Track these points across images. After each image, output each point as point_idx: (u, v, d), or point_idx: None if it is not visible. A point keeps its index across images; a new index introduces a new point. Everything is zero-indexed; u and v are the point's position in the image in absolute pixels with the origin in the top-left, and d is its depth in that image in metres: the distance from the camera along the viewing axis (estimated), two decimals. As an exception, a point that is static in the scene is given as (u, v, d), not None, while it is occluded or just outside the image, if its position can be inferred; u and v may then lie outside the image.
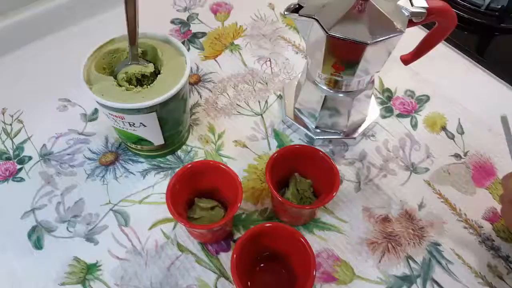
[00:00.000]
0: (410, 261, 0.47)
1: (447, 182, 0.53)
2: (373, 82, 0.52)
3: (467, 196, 0.52)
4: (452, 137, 0.57)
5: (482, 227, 0.50)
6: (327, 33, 0.42)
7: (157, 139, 0.50)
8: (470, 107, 0.60)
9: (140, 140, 0.49)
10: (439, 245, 0.48)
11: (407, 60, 0.51)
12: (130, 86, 0.46)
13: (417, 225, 0.49)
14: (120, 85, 0.45)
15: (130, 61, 0.47)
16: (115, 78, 0.46)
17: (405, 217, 0.50)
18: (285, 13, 0.45)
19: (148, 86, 0.45)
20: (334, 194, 0.43)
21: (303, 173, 0.50)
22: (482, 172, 0.54)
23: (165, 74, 0.46)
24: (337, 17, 0.43)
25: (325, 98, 0.51)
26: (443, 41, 0.48)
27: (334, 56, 0.45)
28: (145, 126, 0.46)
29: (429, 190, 0.53)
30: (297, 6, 0.45)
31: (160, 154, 0.54)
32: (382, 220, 0.50)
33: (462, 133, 0.58)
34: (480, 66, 0.65)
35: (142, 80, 0.48)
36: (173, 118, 0.48)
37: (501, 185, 0.49)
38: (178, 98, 0.46)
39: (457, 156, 0.56)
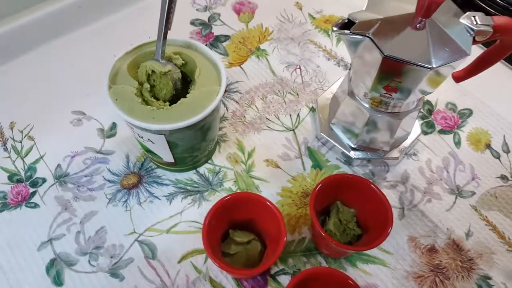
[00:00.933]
0: (460, 297, 0.44)
1: (494, 207, 0.50)
2: (421, 101, 0.48)
3: (516, 223, 0.49)
4: (497, 156, 0.54)
5: (534, 258, 0.47)
6: (383, 54, 0.38)
7: (167, 157, 0.46)
8: (515, 123, 0.56)
9: (149, 151, 0.45)
10: (489, 278, 0.45)
11: (459, 77, 0.47)
12: (151, 99, 0.41)
13: (465, 256, 0.46)
14: (140, 96, 0.41)
15: (154, 56, 0.42)
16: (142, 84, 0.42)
17: (452, 248, 0.47)
18: (334, 29, 0.40)
19: (166, 107, 0.40)
20: (389, 231, 0.39)
21: (345, 201, 0.46)
22: (530, 195, 0.51)
23: (190, 99, 0.41)
24: (394, 35, 0.38)
25: (369, 118, 0.47)
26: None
27: (388, 78, 0.40)
28: (153, 143, 0.42)
29: (476, 216, 0.49)
30: (346, 21, 0.40)
31: (173, 170, 0.50)
32: (428, 251, 0.46)
33: (508, 151, 0.54)
34: (525, 77, 0.61)
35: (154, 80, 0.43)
36: (185, 145, 0.44)
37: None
38: (195, 129, 0.41)
39: (503, 177, 0.52)
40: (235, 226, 0.44)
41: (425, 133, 0.55)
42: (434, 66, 0.37)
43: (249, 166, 0.51)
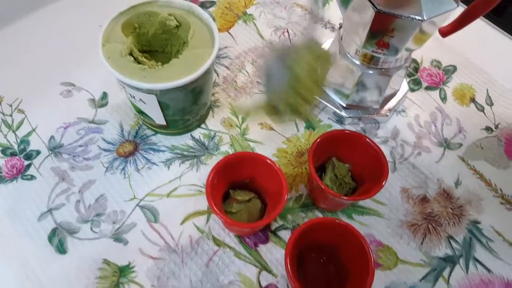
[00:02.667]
0: (452, 241, 0.46)
1: (481, 157, 0.52)
2: (410, 58, 0.49)
3: (501, 171, 0.51)
4: (482, 109, 0.56)
5: (519, 202, 0.49)
6: (375, 8, 0.38)
7: (158, 119, 0.46)
8: (497, 77, 0.58)
9: (141, 112, 0.46)
10: (478, 223, 0.47)
11: (446, 32, 0.48)
12: (143, 59, 0.41)
13: (456, 204, 0.48)
14: (132, 55, 0.41)
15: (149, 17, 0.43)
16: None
17: (443, 196, 0.49)
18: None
19: (158, 66, 0.40)
20: (383, 184, 0.41)
21: (340, 157, 0.47)
22: (514, 144, 0.53)
23: (182, 60, 0.41)
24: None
25: (360, 76, 0.48)
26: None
27: (380, 33, 0.41)
28: (144, 103, 0.43)
29: (464, 166, 0.51)
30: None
31: (165, 133, 0.50)
32: (420, 201, 0.48)
33: (491, 104, 0.56)
34: (507, 34, 0.63)
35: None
36: (176, 107, 0.44)
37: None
38: (186, 90, 0.41)
39: (488, 129, 0.54)
40: (235, 187, 0.45)
41: (412, 90, 0.57)
42: (425, 18, 0.38)
43: (244, 130, 0.52)
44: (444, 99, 0.56)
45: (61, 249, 0.43)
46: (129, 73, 0.39)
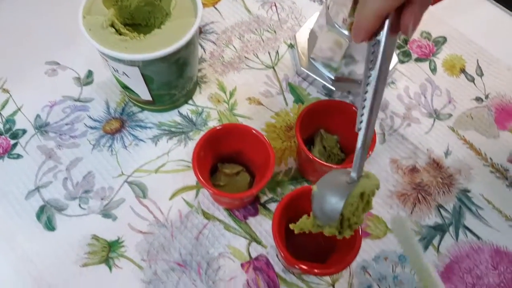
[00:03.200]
0: (441, 210, 0.46)
1: (471, 127, 0.52)
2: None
3: (491, 140, 0.51)
4: (472, 79, 0.55)
5: (508, 170, 0.49)
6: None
7: (144, 95, 0.45)
8: (487, 47, 0.58)
9: (126, 88, 0.45)
10: (468, 191, 0.47)
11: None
12: (125, 31, 0.40)
13: (445, 173, 0.48)
14: (114, 27, 0.40)
15: None
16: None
17: (432, 166, 0.49)
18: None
19: (140, 37, 0.40)
20: (370, 154, 0.41)
21: (328, 129, 0.47)
22: (504, 114, 0.53)
23: (165, 30, 0.40)
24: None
25: (348, 47, 0.47)
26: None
27: None
28: (128, 77, 0.42)
29: (454, 136, 0.51)
30: None
31: (152, 109, 0.49)
32: (410, 171, 0.48)
33: (481, 74, 0.56)
34: (497, 4, 0.62)
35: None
36: (161, 80, 0.43)
37: None
38: (170, 62, 0.41)
39: (478, 99, 0.54)
40: (223, 160, 0.45)
41: (401, 62, 0.56)
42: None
43: (232, 105, 0.51)
44: (434, 70, 0.56)
45: (50, 226, 0.43)
46: (110, 44, 0.38)
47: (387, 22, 0.26)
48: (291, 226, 0.34)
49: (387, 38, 0.26)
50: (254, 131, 0.40)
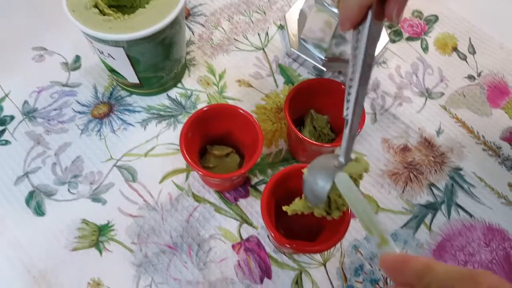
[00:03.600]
0: (433, 188, 0.46)
1: (463, 105, 0.51)
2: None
3: (483, 118, 0.50)
4: (464, 58, 0.55)
5: (501, 147, 0.49)
6: None
7: (131, 77, 0.45)
8: (480, 25, 0.57)
9: (113, 71, 0.45)
10: (460, 169, 0.47)
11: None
12: (109, 11, 0.40)
13: (437, 152, 0.48)
14: (98, 8, 0.40)
15: None
16: None
17: (424, 145, 0.48)
18: None
19: (124, 17, 0.39)
20: (359, 131, 0.40)
21: (318, 109, 0.46)
22: (496, 92, 0.52)
23: (149, 10, 0.39)
24: None
25: (337, 26, 0.46)
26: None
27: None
28: (114, 59, 0.42)
29: (446, 115, 0.50)
30: None
31: (141, 93, 0.49)
32: (401, 150, 0.48)
33: (473, 53, 0.55)
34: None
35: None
36: (147, 62, 0.43)
37: None
38: (155, 42, 0.40)
39: (470, 77, 0.53)
40: (212, 143, 0.44)
41: (393, 41, 0.55)
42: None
43: (222, 88, 0.51)
44: (425, 49, 0.55)
45: (39, 211, 0.43)
46: (93, 25, 0.38)
47: (370, 13, 0.26)
48: (284, 208, 0.34)
49: (370, 27, 0.26)
50: (241, 111, 0.40)
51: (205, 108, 0.40)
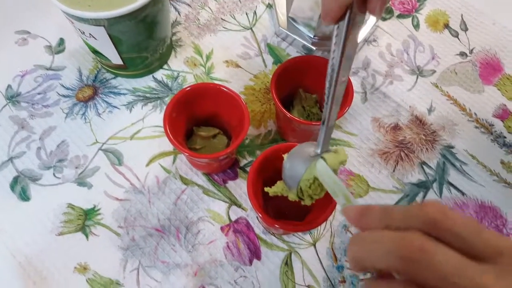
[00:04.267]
0: (425, 167, 0.45)
1: (455, 83, 0.50)
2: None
3: (475, 95, 0.49)
4: (456, 35, 0.53)
5: (493, 125, 0.47)
6: None
7: (114, 58, 0.43)
8: (471, 1, 0.55)
9: (96, 52, 0.43)
10: (452, 147, 0.46)
11: None
12: None
13: (429, 130, 0.47)
14: None
15: None
16: None
17: (415, 123, 0.47)
18: None
19: None
20: (347, 109, 0.39)
21: (307, 88, 0.45)
22: (489, 68, 0.51)
23: None
24: None
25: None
26: None
27: None
28: (95, 39, 0.40)
29: (437, 92, 0.49)
30: None
31: (126, 75, 0.47)
32: (392, 129, 0.46)
33: (465, 29, 0.53)
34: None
35: None
36: (130, 41, 0.41)
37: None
38: (136, 20, 0.38)
39: (462, 54, 0.52)
40: (198, 124, 0.43)
41: (383, 19, 0.53)
42: None
43: (209, 69, 0.49)
44: (416, 26, 0.53)
45: (24, 196, 0.42)
46: (73, 3, 0.36)
47: (348, 13, 0.25)
48: (266, 189, 0.34)
49: (348, 25, 0.25)
50: (225, 89, 0.38)
51: (188, 88, 0.38)
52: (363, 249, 0.20)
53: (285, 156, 0.32)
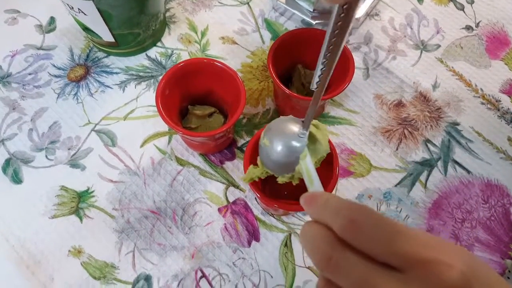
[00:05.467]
0: (429, 145, 0.42)
1: (460, 57, 0.47)
2: None
3: (482, 70, 0.46)
4: (461, 8, 0.50)
5: (500, 100, 0.45)
6: None
7: (105, 35, 0.41)
8: (479, -28, 0.52)
9: (87, 29, 0.41)
10: (457, 124, 0.43)
11: None
12: None
13: (433, 107, 0.44)
14: None
15: None
16: None
17: (419, 100, 0.44)
18: None
19: None
20: (347, 85, 0.36)
21: (307, 64, 0.42)
22: (496, 42, 0.48)
23: None
24: None
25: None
26: None
27: None
28: (85, 14, 0.38)
29: (442, 68, 0.46)
30: None
31: (118, 53, 0.44)
32: (395, 106, 0.44)
33: (471, 2, 0.50)
34: None
35: None
36: (120, 16, 0.38)
37: None
38: None
39: (468, 28, 0.48)
40: (194, 102, 0.40)
41: (386, -8, 0.50)
42: None
43: (204, 46, 0.46)
44: (421, -1, 0.50)
45: (16, 179, 0.40)
46: None
47: None
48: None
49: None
50: (218, 64, 0.36)
51: (181, 64, 0.36)
52: (304, 243, 0.21)
53: (262, 137, 0.28)
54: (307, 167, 0.26)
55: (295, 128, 0.27)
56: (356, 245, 0.18)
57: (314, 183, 0.26)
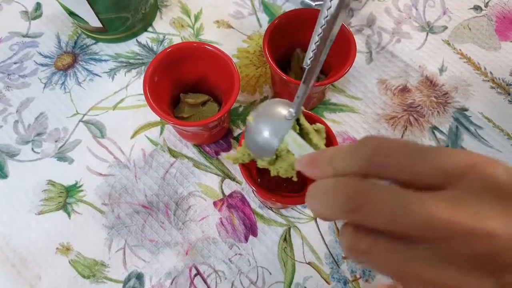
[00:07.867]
0: (436, 132, 0.38)
1: (468, 39, 0.43)
2: None
3: (491, 52, 0.42)
4: (470, -14, 0.45)
5: (511, 84, 0.40)
6: None
7: (92, 20, 0.37)
8: (488, -52, 0.47)
9: (72, 14, 0.37)
10: (466, 110, 0.39)
11: None
12: None
13: (440, 91, 0.40)
14: None
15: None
16: None
17: (425, 85, 0.40)
18: None
19: None
20: (348, 69, 0.32)
21: (305, 48, 0.38)
22: (506, 23, 0.44)
23: None
24: None
25: None
26: None
27: None
28: None
29: (449, 50, 0.42)
30: None
31: (107, 39, 0.41)
32: (400, 91, 0.40)
33: (480, -20, 0.46)
34: None
35: None
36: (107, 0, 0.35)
37: None
38: None
39: (477, 8, 0.44)
40: (187, 90, 0.37)
41: (390, -29, 0.46)
42: None
43: (198, 30, 0.42)
44: (426, -22, 0.45)
45: (1, 173, 0.36)
46: None
47: None
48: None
49: None
50: (210, 48, 0.32)
51: (169, 49, 0.32)
52: (316, 202, 0.17)
53: (250, 118, 0.25)
54: (293, 137, 0.23)
55: (284, 110, 0.24)
56: (386, 174, 0.15)
57: (305, 148, 0.22)
